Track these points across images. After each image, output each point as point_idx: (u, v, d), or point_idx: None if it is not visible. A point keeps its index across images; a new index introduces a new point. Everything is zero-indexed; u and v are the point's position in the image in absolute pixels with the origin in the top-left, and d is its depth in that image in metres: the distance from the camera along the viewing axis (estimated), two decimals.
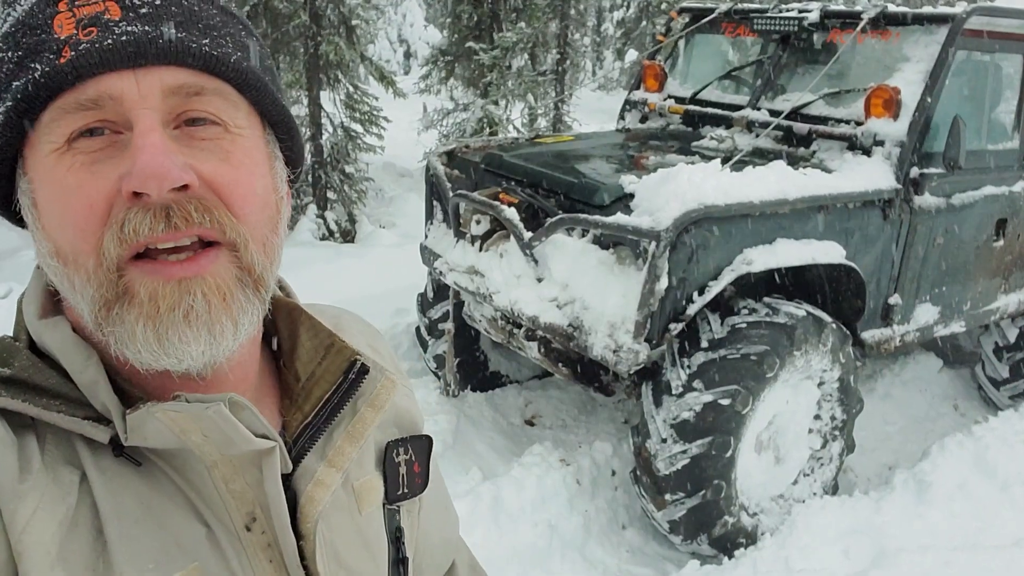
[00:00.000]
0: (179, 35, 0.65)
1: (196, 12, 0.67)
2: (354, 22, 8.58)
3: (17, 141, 0.65)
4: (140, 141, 0.62)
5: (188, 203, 0.64)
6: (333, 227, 8.39)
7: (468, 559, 1.15)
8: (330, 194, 8.57)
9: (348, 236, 8.45)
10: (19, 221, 0.71)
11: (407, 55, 24.78)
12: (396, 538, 0.88)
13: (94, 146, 0.64)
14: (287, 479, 0.74)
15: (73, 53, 0.62)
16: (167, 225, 0.63)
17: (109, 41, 0.62)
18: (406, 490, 0.90)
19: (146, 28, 0.63)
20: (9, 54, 0.64)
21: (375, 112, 8.81)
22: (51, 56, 0.62)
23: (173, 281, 0.64)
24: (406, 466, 0.90)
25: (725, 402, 3.22)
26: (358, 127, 8.83)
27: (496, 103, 9.64)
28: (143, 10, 0.64)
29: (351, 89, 8.72)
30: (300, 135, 0.81)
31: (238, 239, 0.67)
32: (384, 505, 0.88)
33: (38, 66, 0.62)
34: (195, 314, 0.64)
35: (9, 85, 0.64)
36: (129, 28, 0.63)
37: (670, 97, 5.04)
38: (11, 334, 0.72)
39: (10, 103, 0.63)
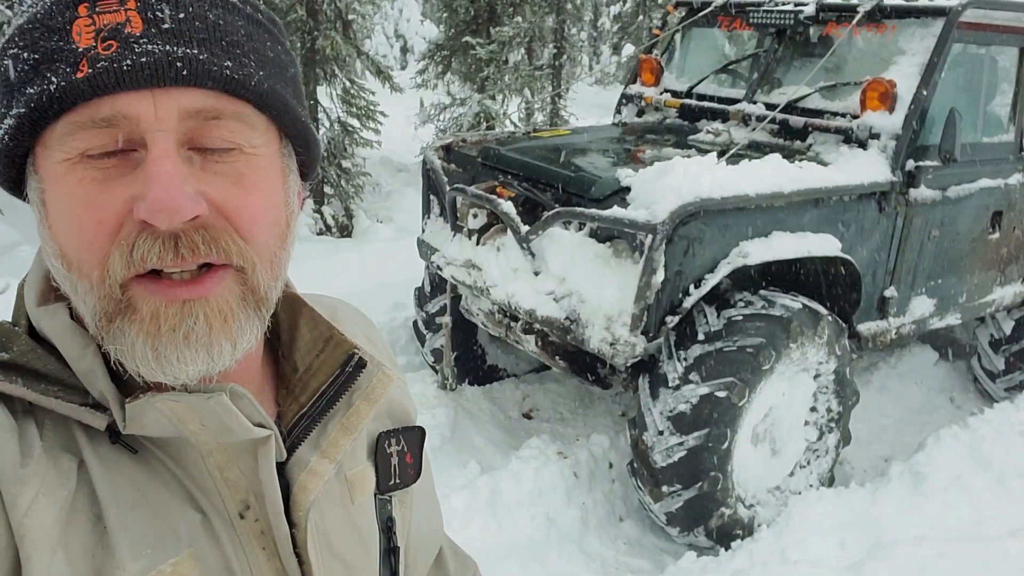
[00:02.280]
0: (201, 56, 0.63)
1: (221, 27, 0.65)
2: (350, 17, 8.57)
3: (29, 141, 0.64)
4: (154, 169, 0.61)
5: (196, 233, 0.63)
6: (330, 222, 8.39)
7: (449, 543, 1.17)
8: (327, 189, 8.57)
9: (345, 231, 8.45)
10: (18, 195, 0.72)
11: (403, 50, 24.70)
12: (388, 527, 0.89)
13: (107, 163, 0.63)
14: (281, 468, 0.75)
15: (91, 70, 0.60)
16: (175, 255, 0.63)
17: (129, 61, 0.60)
18: (398, 480, 0.91)
19: (167, 48, 0.61)
20: (25, 54, 0.62)
21: (372, 107, 8.80)
22: (67, 69, 0.60)
23: (177, 302, 0.64)
24: (398, 457, 0.91)
25: (721, 394, 3.23)
26: (355, 122, 8.82)
27: (493, 98, 9.64)
28: (165, 25, 0.62)
29: (348, 84, 8.71)
30: (318, 147, 0.80)
31: (245, 264, 0.67)
32: (376, 495, 0.89)
33: (54, 78, 0.61)
34: (195, 336, 0.64)
35: (23, 89, 0.62)
36: (150, 47, 0.61)
37: (666, 91, 5.04)
38: (10, 319, 0.73)
39: (23, 110, 0.62)
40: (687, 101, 4.81)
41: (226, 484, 0.71)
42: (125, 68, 0.60)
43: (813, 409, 3.73)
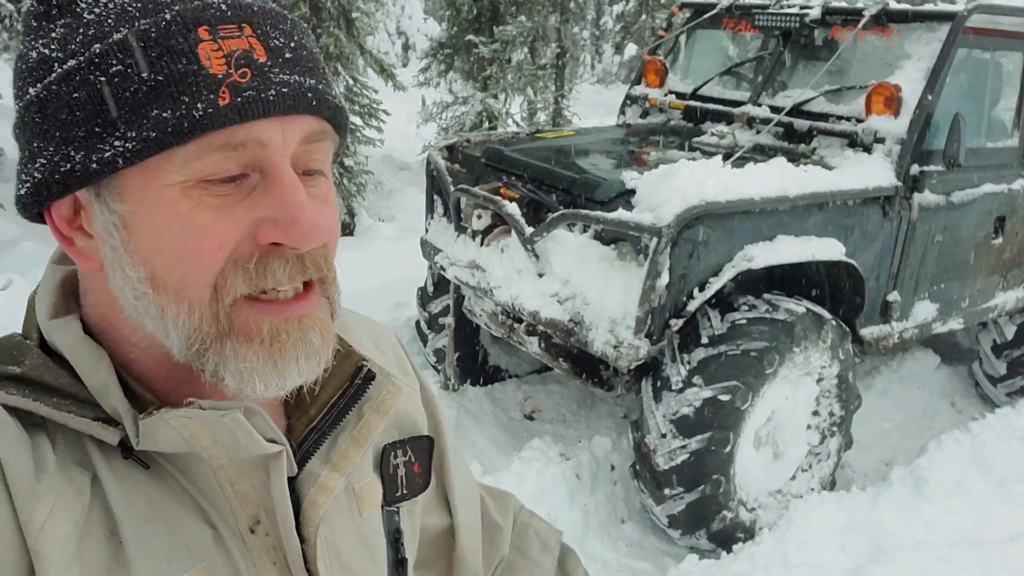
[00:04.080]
0: (318, 86, 0.67)
1: (315, 56, 0.69)
2: (354, 14, 8.56)
3: (127, 163, 0.62)
4: (294, 197, 0.64)
5: (317, 253, 0.68)
6: None
7: (483, 488, 1.20)
8: None
9: (347, 229, 8.44)
10: (32, 216, 0.70)
11: (405, 47, 24.69)
12: (395, 539, 0.89)
13: (225, 189, 0.64)
14: (291, 482, 0.75)
15: (238, 98, 0.61)
16: (303, 274, 0.67)
17: (272, 92, 0.62)
18: (405, 491, 0.91)
19: (295, 78, 0.64)
20: (144, 74, 0.60)
21: (374, 105, 8.79)
22: (209, 95, 0.60)
23: (293, 320, 0.67)
24: (405, 467, 0.91)
25: (725, 398, 3.23)
26: (357, 120, 8.81)
27: (495, 97, 9.63)
28: (286, 55, 0.65)
29: (351, 82, 8.70)
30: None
31: (328, 276, 0.72)
32: (383, 507, 0.89)
33: (197, 104, 0.60)
34: (313, 349, 0.69)
35: (146, 111, 0.60)
36: (283, 77, 0.64)
37: (671, 93, 5.04)
38: (21, 332, 0.72)
39: (154, 134, 0.60)
40: (691, 103, 4.81)
41: (237, 498, 0.71)
42: (271, 97, 0.62)
43: (815, 413, 3.73)
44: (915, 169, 3.89)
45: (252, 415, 0.69)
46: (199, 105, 0.60)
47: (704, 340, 3.35)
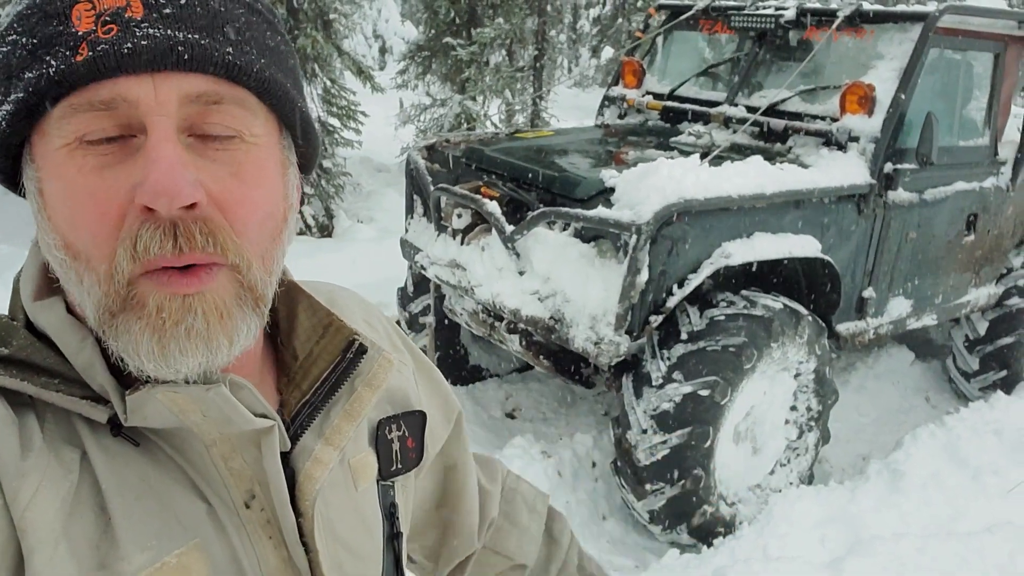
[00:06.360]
0: (202, 41, 0.62)
1: (222, 14, 0.65)
2: (331, 16, 8.54)
3: (26, 128, 0.63)
4: (154, 153, 0.61)
5: (193, 224, 0.63)
6: (311, 222, 8.35)
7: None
8: (307, 188, 8.53)
9: (325, 231, 8.41)
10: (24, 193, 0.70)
11: (382, 51, 24.61)
12: (390, 513, 0.89)
13: (105, 149, 0.62)
14: (285, 457, 0.74)
15: (90, 53, 0.59)
16: (174, 244, 0.62)
17: (129, 45, 0.59)
18: (399, 466, 0.91)
19: (168, 32, 0.61)
20: (23, 40, 0.62)
21: (352, 107, 8.76)
22: (66, 52, 0.60)
23: (179, 297, 0.63)
24: (399, 442, 0.91)
25: (704, 393, 3.26)
26: (335, 122, 8.78)
27: (473, 99, 9.63)
28: (167, 10, 0.62)
29: (328, 83, 8.67)
30: (317, 139, 0.80)
31: (240, 262, 0.66)
32: (378, 481, 0.88)
33: (52, 61, 0.60)
34: (195, 332, 0.64)
35: (21, 74, 0.61)
36: (150, 31, 0.60)
37: (648, 93, 5.08)
38: (7, 314, 0.72)
39: (21, 95, 0.61)
40: (669, 103, 4.85)
41: (231, 474, 0.70)
42: (125, 51, 0.59)
43: (793, 408, 3.77)
44: (889, 167, 3.95)
45: (239, 389, 0.68)
46: (54, 63, 0.60)
47: (683, 336, 3.38)
